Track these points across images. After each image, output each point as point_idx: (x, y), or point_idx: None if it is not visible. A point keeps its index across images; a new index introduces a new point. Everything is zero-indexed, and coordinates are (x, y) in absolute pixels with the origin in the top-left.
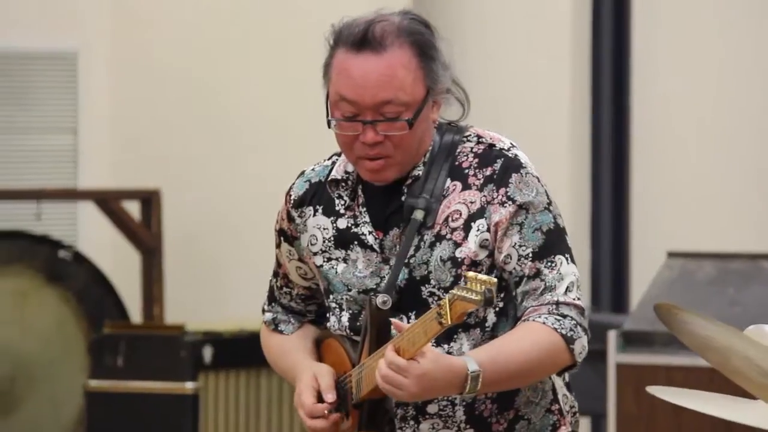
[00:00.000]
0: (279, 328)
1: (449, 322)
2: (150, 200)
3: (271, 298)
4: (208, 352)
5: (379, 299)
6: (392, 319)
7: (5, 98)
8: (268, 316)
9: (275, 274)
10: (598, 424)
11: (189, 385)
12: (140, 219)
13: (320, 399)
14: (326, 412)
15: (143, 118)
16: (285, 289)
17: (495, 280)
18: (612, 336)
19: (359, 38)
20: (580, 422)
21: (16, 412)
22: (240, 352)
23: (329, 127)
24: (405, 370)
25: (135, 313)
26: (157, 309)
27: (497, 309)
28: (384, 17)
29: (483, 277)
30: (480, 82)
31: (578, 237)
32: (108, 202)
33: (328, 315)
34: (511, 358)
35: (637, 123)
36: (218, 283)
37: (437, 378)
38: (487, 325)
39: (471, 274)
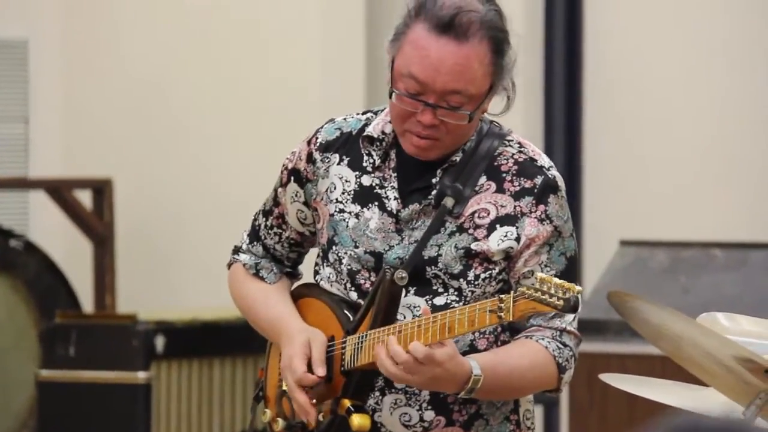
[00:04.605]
0: (260, 275)
1: (510, 318)
2: (102, 189)
3: (254, 237)
4: (160, 342)
5: (398, 274)
6: (424, 307)
7: None
8: (247, 258)
9: (266, 213)
10: (550, 413)
11: (141, 375)
12: (92, 208)
13: (310, 368)
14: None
15: (95, 108)
16: (276, 230)
17: (579, 288)
18: None
19: (445, 21)
20: (533, 411)
21: None
22: (192, 341)
23: (390, 97)
24: (429, 359)
25: (87, 302)
26: (108, 298)
27: None
28: (472, 5)
29: (560, 282)
30: None
31: None
32: (59, 191)
33: (318, 267)
34: (509, 373)
35: (589, 111)
36: (170, 273)
37: (448, 372)
38: None
39: (544, 276)
